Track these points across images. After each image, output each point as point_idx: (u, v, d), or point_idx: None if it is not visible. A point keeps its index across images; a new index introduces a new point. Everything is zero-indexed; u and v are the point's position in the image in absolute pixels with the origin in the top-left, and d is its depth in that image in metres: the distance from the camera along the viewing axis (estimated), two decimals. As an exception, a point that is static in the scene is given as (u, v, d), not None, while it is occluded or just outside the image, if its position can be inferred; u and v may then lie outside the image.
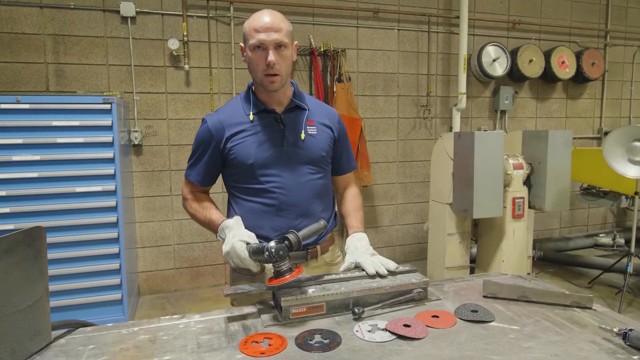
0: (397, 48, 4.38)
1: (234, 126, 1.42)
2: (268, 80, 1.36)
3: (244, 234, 1.26)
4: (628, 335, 0.97)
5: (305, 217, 1.44)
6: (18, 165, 2.77)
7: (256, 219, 1.43)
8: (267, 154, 1.41)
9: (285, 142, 1.42)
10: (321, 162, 1.49)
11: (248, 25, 1.36)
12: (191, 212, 1.50)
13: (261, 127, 1.42)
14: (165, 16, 3.67)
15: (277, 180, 1.42)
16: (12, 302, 0.95)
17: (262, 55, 1.34)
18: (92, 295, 2.96)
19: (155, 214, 3.78)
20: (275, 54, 1.33)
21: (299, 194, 1.43)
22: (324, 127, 1.50)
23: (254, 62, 1.36)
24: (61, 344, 1.06)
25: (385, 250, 4.56)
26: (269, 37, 1.32)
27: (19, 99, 2.74)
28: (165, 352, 1.00)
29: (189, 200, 1.52)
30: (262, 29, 1.32)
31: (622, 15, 5.27)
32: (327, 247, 1.55)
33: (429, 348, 1.00)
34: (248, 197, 1.45)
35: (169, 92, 3.75)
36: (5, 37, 3.33)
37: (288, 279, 1.14)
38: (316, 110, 1.51)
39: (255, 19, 1.36)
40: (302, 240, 1.21)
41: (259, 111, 1.44)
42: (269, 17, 1.34)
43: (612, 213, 5.57)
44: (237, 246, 1.23)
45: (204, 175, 1.48)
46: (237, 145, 1.41)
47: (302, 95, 1.52)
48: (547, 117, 5.08)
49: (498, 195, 3.18)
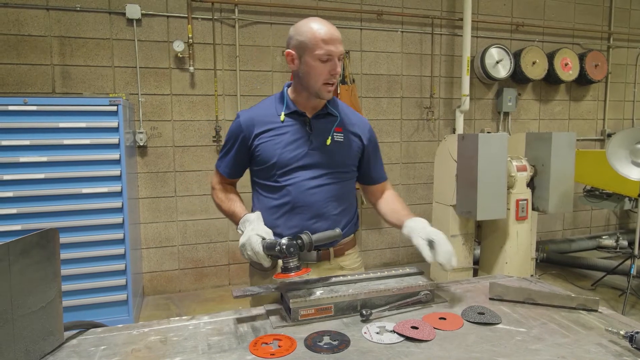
0: (401, 50, 4.39)
1: (264, 124, 1.46)
2: (326, 90, 1.41)
3: (262, 229, 1.30)
4: (634, 338, 0.98)
5: (320, 219, 1.46)
6: (25, 166, 2.80)
7: (273, 216, 1.47)
8: (290, 155, 1.44)
9: (310, 146, 1.46)
10: (343, 168, 1.51)
11: (312, 35, 1.35)
12: (217, 202, 1.56)
13: (289, 129, 1.46)
14: (171, 18, 3.69)
15: (296, 181, 1.45)
16: (26, 303, 0.96)
17: (327, 65, 1.37)
18: (98, 296, 2.98)
19: (159, 215, 3.80)
20: (338, 65, 1.38)
21: (315, 196, 1.45)
22: (353, 135, 1.53)
23: (316, 71, 1.37)
24: (73, 344, 1.07)
25: (389, 251, 4.57)
26: (337, 49, 1.36)
27: (26, 101, 2.77)
28: (176, 353, 1.01)
29: (216, 190, 1.58)
30: (330, 41, 1.35)
31: (625, 17, 5.28)
32: (343, 251, 1.56)
33: (436, 350, 1.01)
34: (267, 193, 1.50)
35: (174, 94, 3.77)
36: (12, 39, 3.35)
37: (293, 275, 1.20)
38: (347, 119, 1.54)
39: (321, 29, 1.35)
40: (315, 243, 1.25)
41: (290, 113, 1.47)
42: (334, 29, 1.37)
43: (615, 215, 5.56)
44: (253, 240, 1.27)
45: (232, 168, 1.54)
46: (263, 143, 1.45)
47: (336, 102, 1.55)
48: (550, 119, 5.09)
49: (502, 197, 3.19)
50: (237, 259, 4.08)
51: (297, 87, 1.47)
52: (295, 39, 1.39)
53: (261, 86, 3.98)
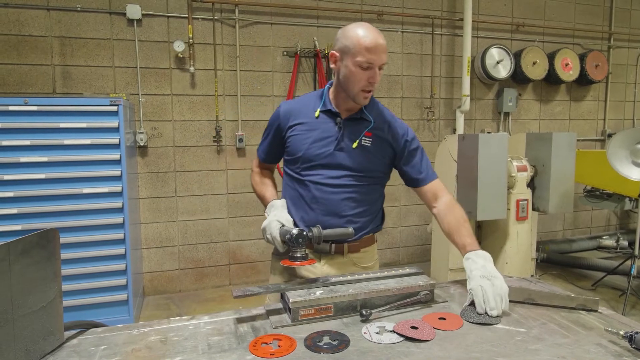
0: (401, 50, 4.39)
1: (300, 117, 1.53)
2: (363, 96, 1.43)
3: (283, 216, 1.40)
4: (634, 338, 0.98)
5: (334, 217, 1.49)
6: (26, 166, 2.80)
7: (292, 205, 1.54)
8: (316, 152, 1.48)
9: (336, 146, 1.48)
10: (367, 172, 1.51)
11: (357, 41, 1.35)
12: (252, 184, 1.68)
13: (321, 126, 1.50)
14: (171, 18, 3.69)
15: (316, 177, 1.49)
16: (27, 303, 0.97)
17: (367, 73, 1.38)
18: (98, 296, 2.98)
19: (160, 215, 3.80)
20: (378, 74, 1.39)
21: (333, 195, 1.48)
22: (383, 141, 1.52)
23: (355, 77, 1.39)
24: (73, 344, 1.08)
25: (389, 251, 4.57)
26: (379, 59, 1.37)
27: (27, 101, 2.77)
28: (176, 353, 1.01)
29: (254, 173, 1.70)
30: (373, 50, 1.35)
31: (625, 17, 5.27)
32: (358, 248, 1.57)
33: (436, 350, 1.01)
34: (290, 183, 1.57)
35: (174, 94, 3.77)
36: (12, 39, 3.36)
37: (297, 264, 1.29)
38: (381, 124, 1.53)
39: (366, 36, 1.35)
40: (324, 238, 1.34)
41: (325, 110, 1.51)
42: (381, 39, 1.37)
43: (615, 215, 5.56)
44: (272, 225, 1.36)
45: (267, 153, 1.64)
46: (294, 136, 1.52)
47: (374, 107, 1.54)
48: (551, 119, 5.08)
49: (502, 197, 3.19)
50: (238, 259, 4.08)
51: (337, 87, 1.50)
52: (340, 42, 1.41)
53: (261, 86, 3.99)
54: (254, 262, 4.12)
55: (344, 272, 1.50)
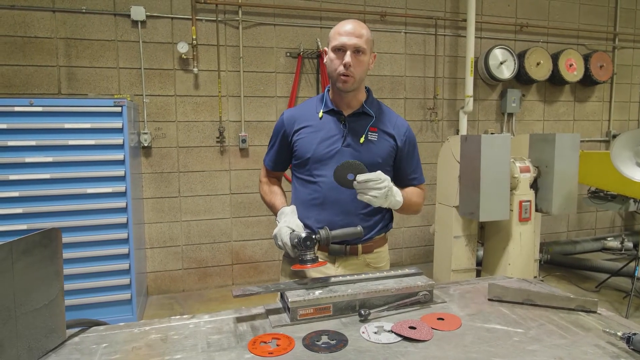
0: (404, 51, 4.39)
1: (304, 121, 1.57)
2: (341, 80, 1.47)
3: (293, 222, 1.42)
4: (632, 339, 0.98)
5: (348, 215, 1.51)
6: (31, 166, 2.83)
7: (305, 209, 1.56)
8: (324, 151, 1.52)
9: (343, 143, 1.51)
10: (375, 167, 1.51)
11: (334, 30, 1.49)
12: (262, 194, 1.71)
13: (326, 126, 1.54)
14: (175, 20, 3.71)
15: (327, 176, 1.50)
16: (29, 301, 0.98)
17: (340, 56, 1.46)
18: (102, 295, 3.00)
19: (163, 215, 3.82)
20: (353, 57, 1.45)
21: (343, 192, 1.49)
22: (386, 135, 1.57)
23: (333, 63, 1.48)
24: (75, 342, 1.09)
25: (392, 252, 4.55)
26: (349, 41, 1.44)
27: (32, 102, 2.80)
28: (176, 351, 1.03)
29: (262, 184, 1.73)
30: (344, 33, 1.45)
31: (630, 17, 5.25)
32: (372, 248, 1.60)
33: (434, 350, 1.01)
34: (302, 187, 1.59)
35: (178, 95, 3.79)
36: (18, 41, 3.39)
37: (308, 267, 1.30)
38: (383, 119, 1.58)
39: (341, 24, 1.49)
40: (333, 239, 1.35)
41: (327, 111, 1.56)
42: (353, 25, 1.47)
43: (620, 216, 5.53)
44: (283, 231, 1.39)
45: (275, 161, 1.67)
46: (301, 139, 1.55)
47: (373, 102, 1.60)
48: (555, 120, 5.06)
49: (505, 198, 3.19)
50: (241, 259, 4.10)
51: (331, 85, 1.56)
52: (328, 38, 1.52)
53: (265, 87, 4.00)
54: (257, 262, 4.13)
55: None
